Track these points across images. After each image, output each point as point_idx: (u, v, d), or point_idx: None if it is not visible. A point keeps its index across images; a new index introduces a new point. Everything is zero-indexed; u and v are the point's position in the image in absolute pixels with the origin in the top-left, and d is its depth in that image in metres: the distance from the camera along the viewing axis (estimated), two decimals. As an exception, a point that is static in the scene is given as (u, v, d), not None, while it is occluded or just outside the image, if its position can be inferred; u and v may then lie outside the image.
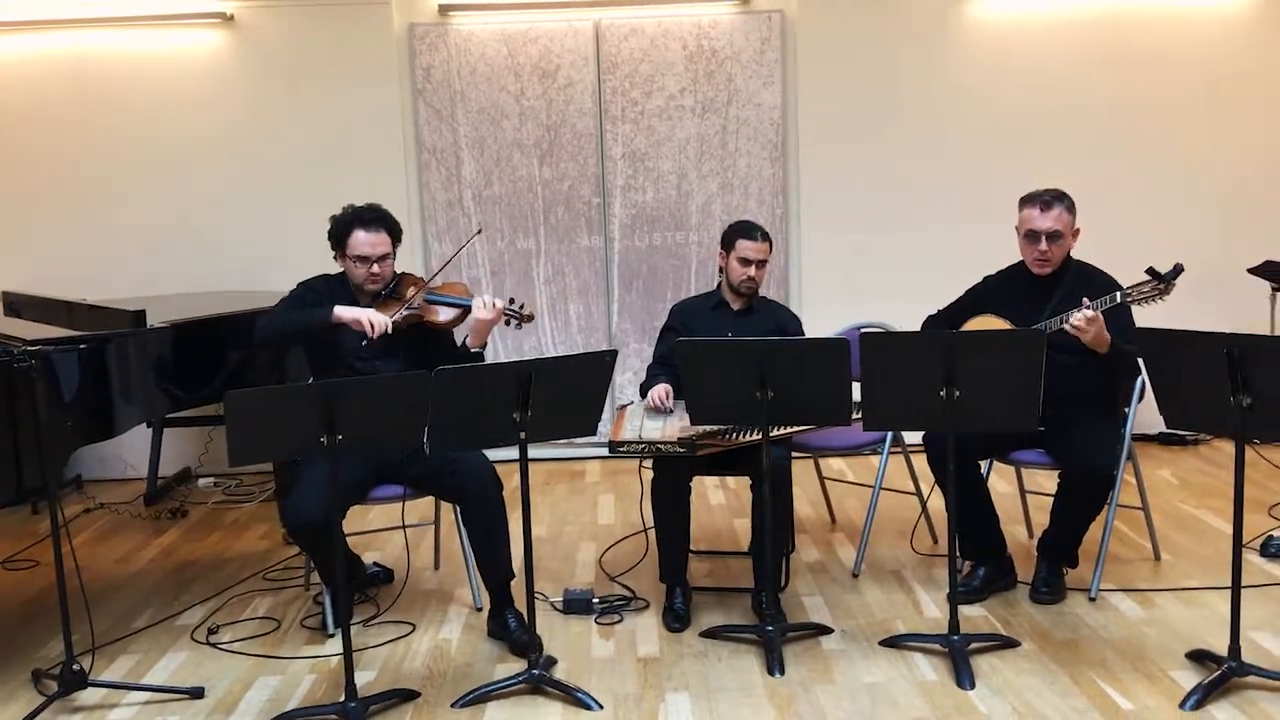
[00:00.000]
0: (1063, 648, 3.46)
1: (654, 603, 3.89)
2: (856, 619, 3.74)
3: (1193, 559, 4.16)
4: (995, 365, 3.26)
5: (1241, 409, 3.01)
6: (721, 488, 5.30)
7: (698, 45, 5.73)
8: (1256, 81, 5.76)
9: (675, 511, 3.81)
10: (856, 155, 5.81)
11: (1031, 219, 3.85)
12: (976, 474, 3.94)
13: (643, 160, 5.81)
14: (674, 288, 5.84)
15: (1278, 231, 5.73)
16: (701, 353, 3.47)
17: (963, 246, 5.17)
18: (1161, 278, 3.51)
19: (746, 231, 4.02)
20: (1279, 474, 5.14)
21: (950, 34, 5.76)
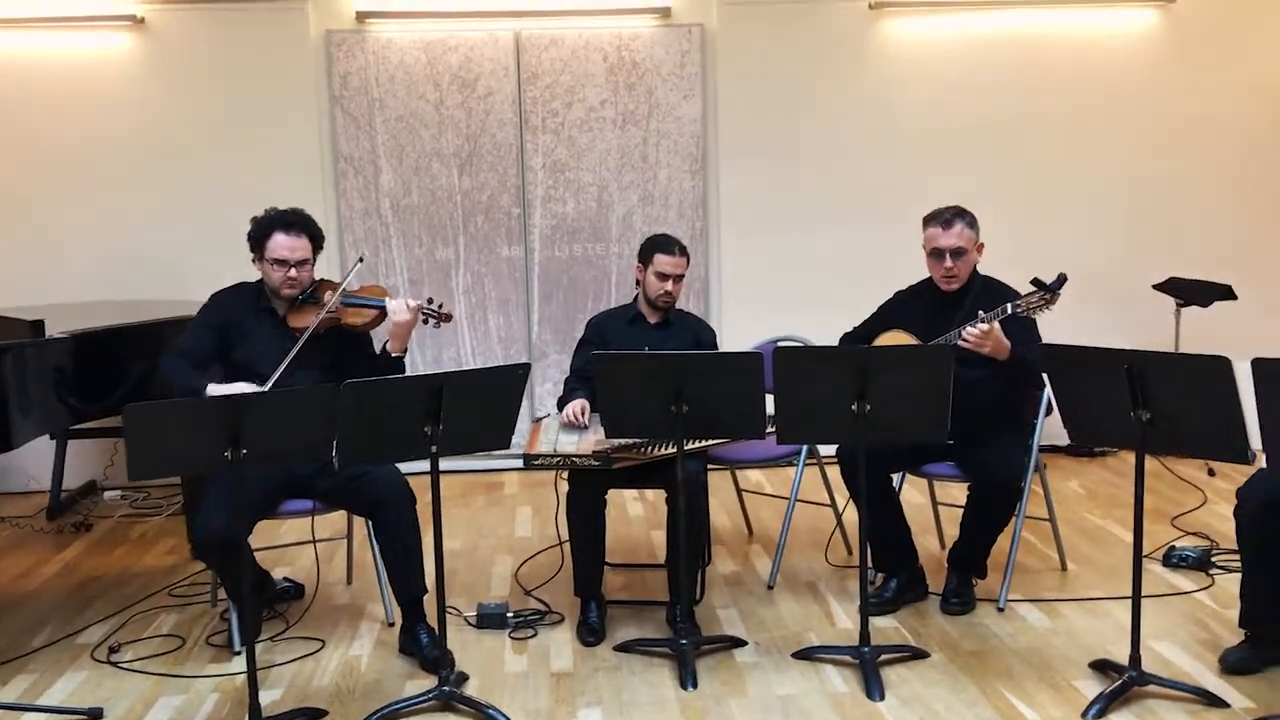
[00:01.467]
0: (971, 658, 3.51)
1: (569, 616, 3.86)
2: (770, 631, 3.76)
3: (1098, 569, 4.25)
4: (905, 380, 3.31)
5: (1141, 423, 3.08)
6: (641, 500, 5.30)
7: (619, 57, 5.74)
8: (1159, 100, 5.92)
9: (590, 525, 3.79)
10: (776, 168, 5.86)
11: (935, 237, 3.91)
12: (889, 486, 3.99)
13: (563, 171, 5.80)
14: (594, 299, 5.83)
15: (1182, 248, 5.89)
16: (617, 366, 3.47)
17: (881, 259, 5.24)
18: (1047, 288, 3.59)
19: (664, 246, 4.03)
20: (1183, 485, 5.28)
21: (865, 50, 5.84)
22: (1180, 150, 5.96)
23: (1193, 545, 4.32)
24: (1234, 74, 5.92)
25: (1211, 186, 5.99)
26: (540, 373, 5.88)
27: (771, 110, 5.84)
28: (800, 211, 5.90)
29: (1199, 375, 2.96)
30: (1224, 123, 5.95)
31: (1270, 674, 3.31)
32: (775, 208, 5.90)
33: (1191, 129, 5.95)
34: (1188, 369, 3.03)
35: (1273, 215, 6.02)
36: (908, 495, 4.77)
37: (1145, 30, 5.90)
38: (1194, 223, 5.98)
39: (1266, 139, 5.97)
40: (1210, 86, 5.92)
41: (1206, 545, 4.35)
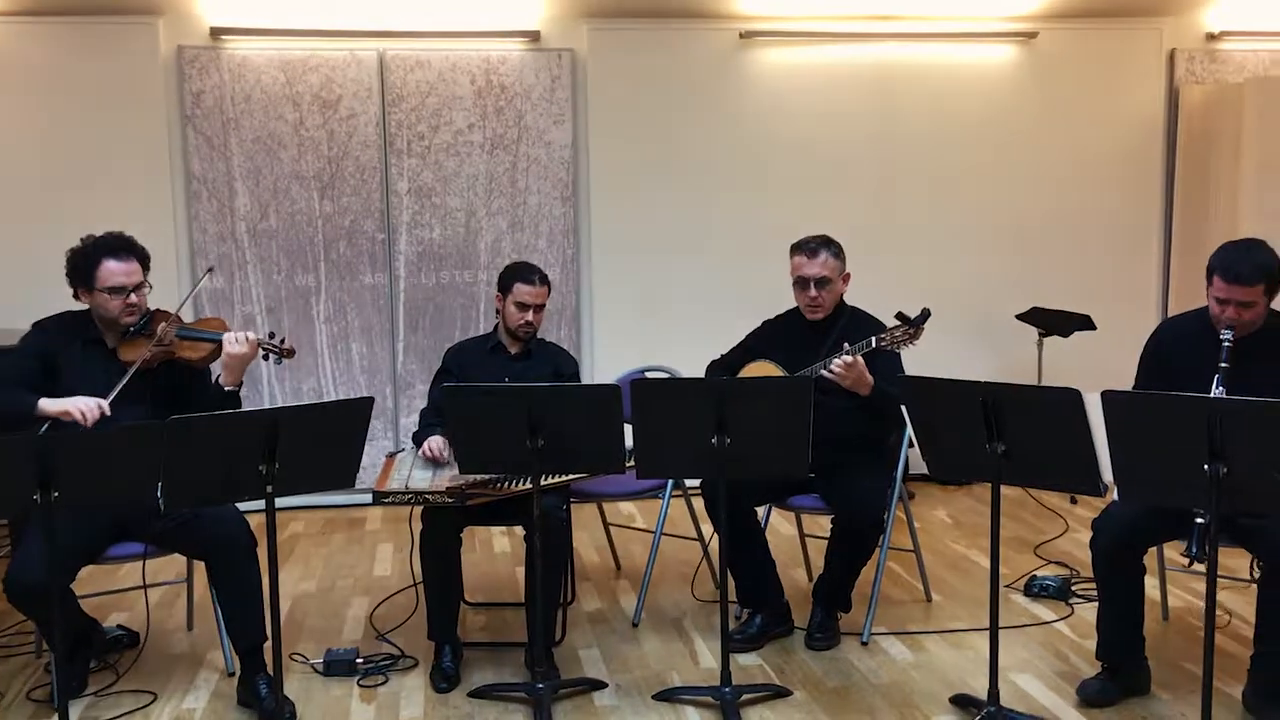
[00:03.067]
0: (833, 695, 3.45)
1: (423, 661, 3.69)
2: (632, 671, 3.65)
3: (962, 600, 4.24)
4: (765, 412, 3.24)
5: (996, 456, 3.06)
6: (508, 535, 5.14)
7: (487, 81, 5.62)
8: (1021, 133, 6.03)
9: (445, 565, 3.64)
10: (648, 196, 5.80)
11: (800, 266, 3.88)
12: (753, 520, 3.92)
13: (430, 196, 5.64)
14: (462, 328, 5.67)
15: (1045, 279, 5.99)
16: (469, 399, 3.33)
17: (751, 287, 5.19)
18: (911, 322, 3.58)
19: (524, 275, 3.92)
20: (1047, 513, 5.35)
21: (736, 78, 5.83)
22: (1042, 183, 6.08)
23: (1053, 574, 4.35)
24: (1093, 108, 6.06)
25: (1072, 218, 6.11)
26: (407, 404, 5.69)
27: (643, 137, 5.78)
28: (672, 239, 5.84)
29: (1050, 407, 2.96)
30: (1084, 156, 6.09)
31: (1127, 706, 3.32)
32: (647, 235, 5.83)
33: (1052, 162, 6.07)
34: (1040, 401, 3.02)
35: (1130, 246, 6.18)
36: (778, 527, 4.74)
37: (1006, 64, 6.01)
38: (1056, 254, 6.09)
39: (1124, 172, 6.13)
40: (1070, 120, 6.05)
41: (1067, 574, 4.38)
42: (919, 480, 5.81)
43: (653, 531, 4.23)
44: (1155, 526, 3.31)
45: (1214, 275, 3.26)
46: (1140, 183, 6.15)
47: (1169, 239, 6.15)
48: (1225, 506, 2.78)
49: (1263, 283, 3.20)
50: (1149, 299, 6.19)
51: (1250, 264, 3.20)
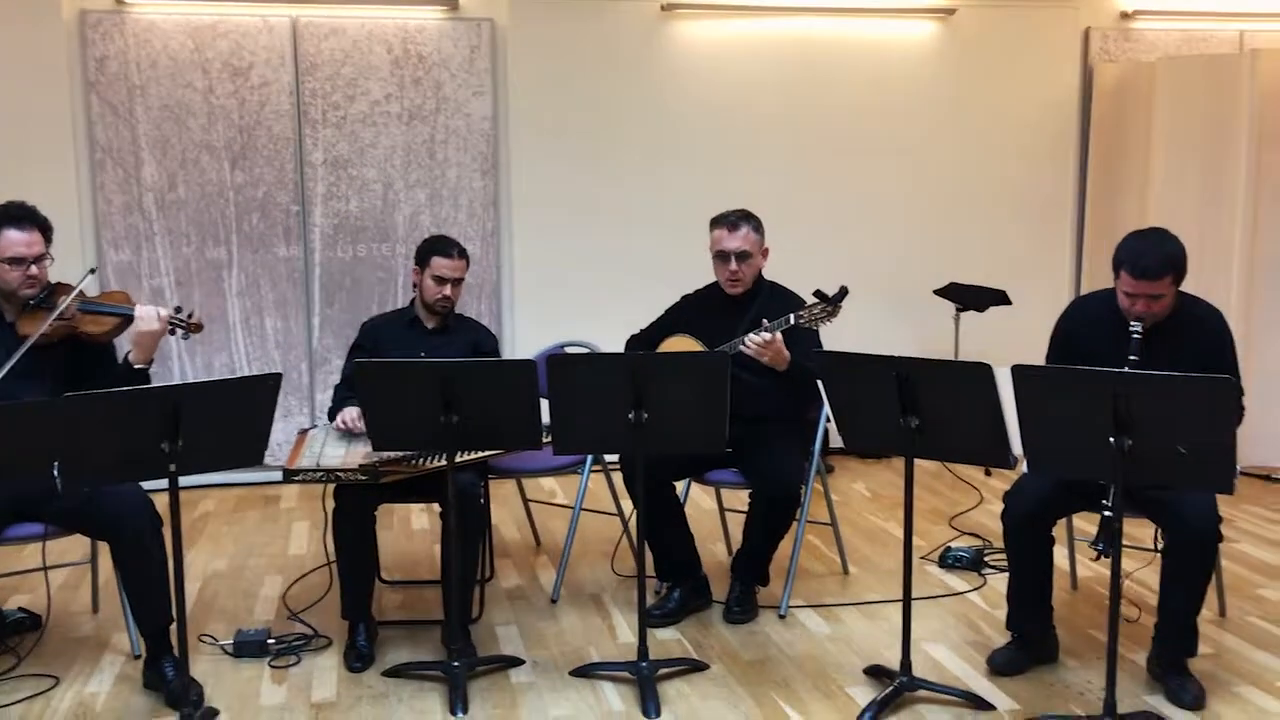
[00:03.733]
0: (750, 668, 3.46)
1: (338, 640, 3.63)
2: (550, 648, 3.63)
3: (878, 572, 4.29)
4: (682, 387, 3.23)
5: (910, 430, 3.08)
6: (426, 512, 5.08)
7: (404, 50, 5.50)
8: (941, 109, 6.08)
9: (359, 543, 3.58)
10: (570, 169, 5.75)
11: (720, 240, 3.87)
12: (671, 495, 3.92)
13: (346, 167, 5.52)
14: (380, 302, 5.58)
15: (962, 254, 6.06)
16: (382, 374, 3.27)
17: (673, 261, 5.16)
18: (829, 300, 3.59)
19: (441, 248, 3.85)
20: (962, 485, 5.43)
21: (658, 51, 5.79)
22: (959, 159, 6.14)
23: (967, 545, 4.42)
24: (1010, 85, 6.13)
25: (989, 194, 6.18)
26: (323, 379, 5.59)
27: (565, 110, 5.72)
28: (595, 213, 5.80)
29: (962, 381, 2.99)
30: (1000, 132, 6.15)
31: (1035, 674, 3.38)
32: (569, 209, 5.78)
33: (970, 138, 6.13)
34: (952, 375, 3.05)
35: (1045, 223, 6.27)
36: (697, 502, 4.74)
37: (925, 41, 6.05)
38: (973, 230, 6.16)
39: (1040, 149, 6.21)
40: (987, 97, 6.11)
41: (980, 546, 4.45)
42: (838, 454, 5.86)
43: (573, 507, 4.21)
44: (1064, 499, 3.37)
45: (1121, 270, 3.24)
46: (1055, 160, 6.24)
47: (1082, 216, 6.26)
48: (1130, 479, 2.84)
49: (1170, 274, 3.19)
50: (1062, 275, 6.29)
51: (1157, 258, 3.19)
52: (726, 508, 4.52)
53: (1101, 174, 6.15)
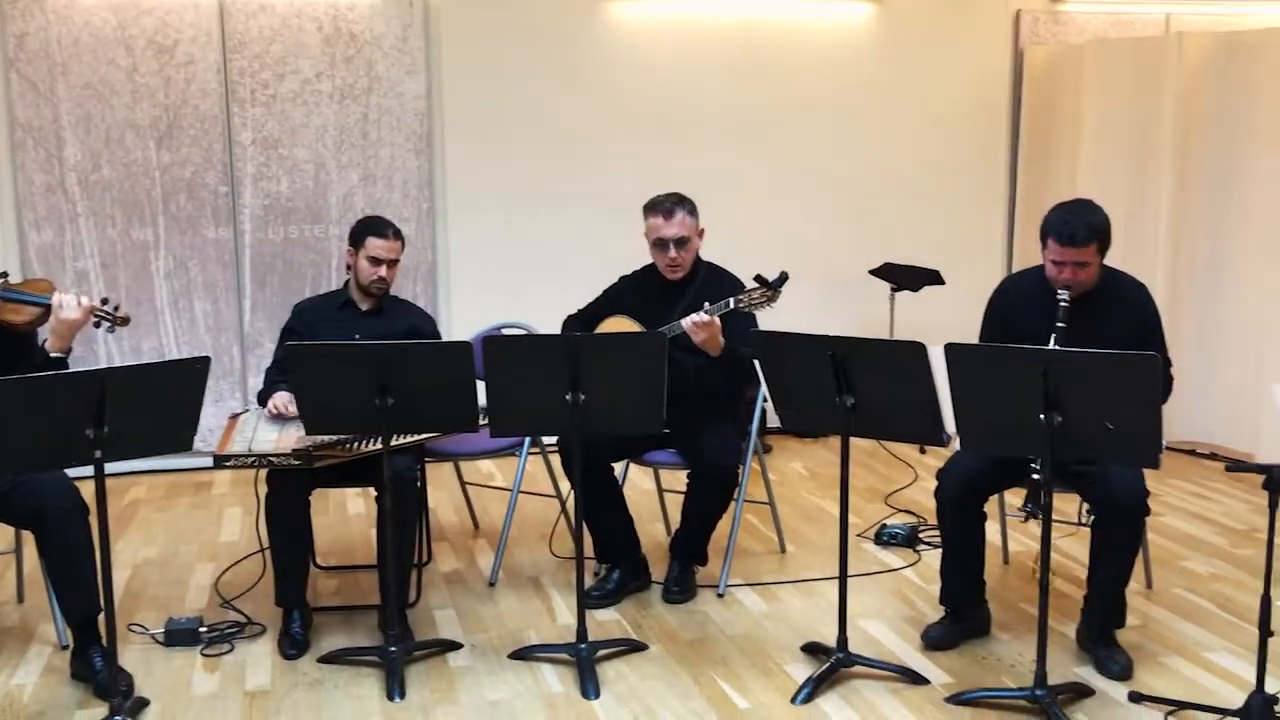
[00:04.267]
0: (689, 648, 3.48)
1: (272, 628, 3.59)
2: (488, 631, 3.61)
3: (815, 550, 4.33)
4: (619, 368, 3.22)
5: (846, 409, 3.11)
6: (362, 496, 5.03)
7: (334, 28, 5.41)
8: (875, 91, 6.11)
9: (292, 529, 3.53)
10: (506, 150, 5.69)
11: (658, 228, 3.86)
12: (610, 477, 3.91)
13: (276, 147, 5.42)
14: (313, 284, 5.49)
15: (897, 235, 6.11)
16: (315, 357, 3.22)
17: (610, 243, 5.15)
18: (769, 285, 3.60)
19: (376, 228, 3.80)
20: (898, 463, 5.49)
21: (592, 31, 5.75)
22: (894, 140, 6.18)
23: (902, 523, 4.47)
24: (943, 67, 6.18)
25: (924, 175, 6.23)
26: (255, 363, 5.49)
27: (501, 90, 5.66)
28: (531, 194, 5.76)
29: (896, 360, 3.02)
30: (935, 114, 6.20)
31: (968, 648, 3.44)
32: (506, 190, 5.73)
33: (905, 120, 6.17)
34: (886, 354, 3.08)
35: (978, 203, 6.34)
36: (636, 483, 4.74)
37: (860, 23, 6.07)
38: (908, 210, 6.21)
39: (973, 130, 6.27)
40: (921, 78, 6.16)
41: (915, 522, 4.51)
42: (776, 434, 5.90)
43: (510, 490, 4.19)
44: (995, 475, 3.42)
45: (1048, 239, 3.32)
46: (987, 140, 6.31)
47: (1014, 196, 6.34)
48: (1060, 454, 2.89)
49: (1095, 242, 3.28)
50: (995, 254, 6.38)
51: (1082, 226, 3.27)
52: (665, 488, 4.53)
53: (1032, 154, 6.23)
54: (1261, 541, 2.80)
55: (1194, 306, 5.56)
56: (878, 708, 3.08)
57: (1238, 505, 4.84)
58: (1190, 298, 5.57)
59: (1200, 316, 5.54)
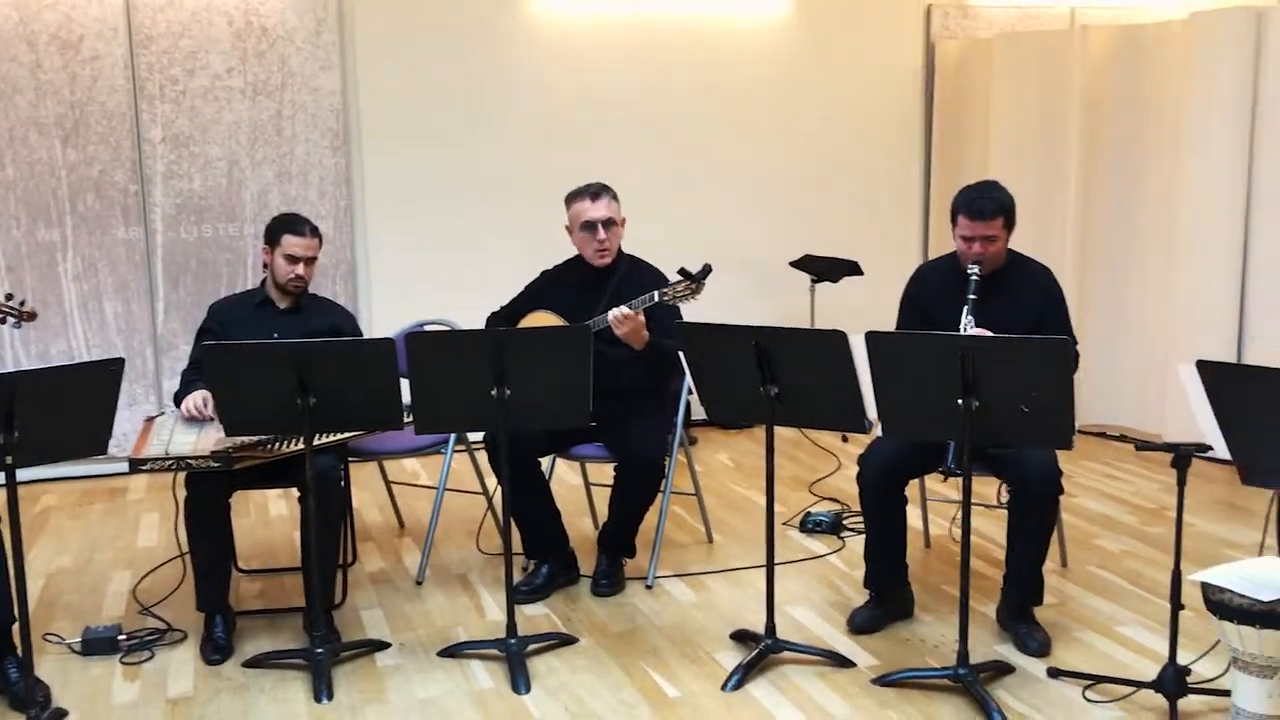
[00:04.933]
0: (619, 640, 3.49)
1: (193, 633, 3.52)
2: (416, 629, 3.59)
3: (742, 539, 4.36)
4: (544, 362, 3.22)
5: (770, 398, 3.14)
6: (284, 497, 4.95)
7: (245, 22, 5.31)
8: (793, 86, 6.17)
9: (213, 532, 3.47)
10: (425, 145, 5.64)
11: (585, 211, 3.87)
12: (536, 471, 3.90)
13: (187, 145, 5.31)
14: (229, 283, 5.39)
15: (816, 227, 6.18)
16: (233, 357, 3.17)
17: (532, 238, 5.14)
18: (693, 278, 3.63)
19: (292, 226, 3.73)
20: (822, 453, 5.56)
21: (510, 26, 5.72)
22: (812, 133, 6.25)
23: (827, 510, 4.53)
24: (859, 61, 6.26)
25: (841, 168, 6.31)
26: (170, 365, 5.37)
27: (418, 85, 5.61)
28: (452, 190, 5.71)
29: (818, 349, 3.06)
30: (851, 107, 6.28)
31: (892, 630, 3.50)
32: (426, 186, 5.68)
33: (823, 113, 6.23)
34: (808, 343, 3.12)
35: (894, 194, 6.45)
36: (564, 477, 4.74)
37: (776, 18, 6.13)
38: (826, 203, 6.29)
39: (888, 123, 6.37)
40: (838, 73, 6.23)
41: (839, 509, 4.57)
42: (701, 426, 5.93)
43: (436, 487, 4.16)
44: (916, 459, 3.49)
45: (958, 215, 3.49)
46: (902, 133, 6.42)
47: (928, 186, 6.46)
48: (977, 438, 2.96)
49: (1001, 216, 3.44)
50: (912, 244, 6.49)
51: (989, 201, 3.44)
52: (592, 482, 4.53)
53: (945, 146, 6.35)
54: (1171, 519, 2.90)
55: (1102, 292, 5.72)
56: (806, 691, 3.13)
57: (1148, 485, 4.99)
58: (1098, 283, 5.72)
59: (1108, 302, 5.70)
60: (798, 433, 5.77)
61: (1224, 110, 5.06)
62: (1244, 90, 5.02)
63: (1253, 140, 5.05)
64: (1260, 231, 5.08)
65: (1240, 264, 5.12)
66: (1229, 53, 5.03)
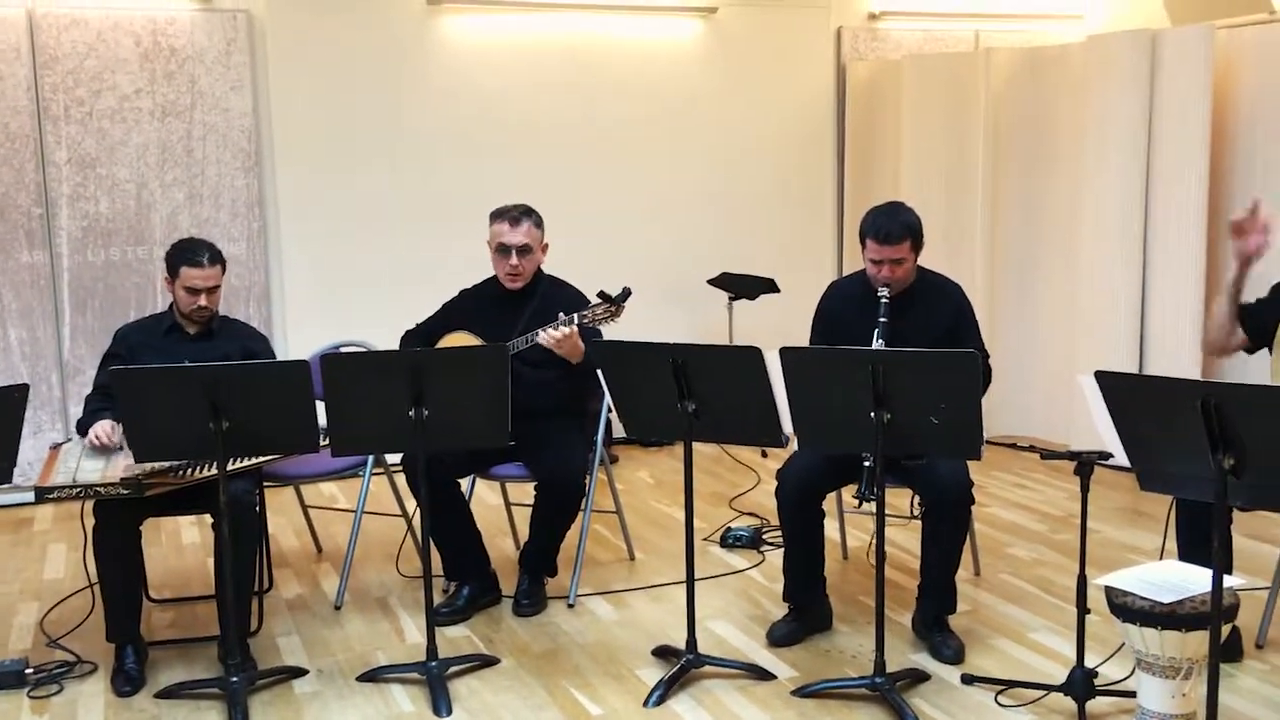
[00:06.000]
0: (541, 659, 3.48)
1: (104, 665, 3.43)
2: (335, 655, 3.54)
3: (664, 556, 4.38)
4: (462, 382, 3.21)
5: (688, 414, 3.17)
6: (197, 524, 4.85)
7: (154, 42, 5.23)
8: (707, 106, 6.25)
9: (122, 561, 3.39)
10: (340, 166, 5.60)
11: (501, 234, 3.87)
12: (456, 492, 3.88)
13: (94, 166, 5.20)
14: (138, 307, 5.28)
15: (734, 245, 6.25)
16: (142, 381, 3.11)
17: (448, 258, 5.14)
18: (612, 300, 3.66)
19: (189, 257, 3.60)
20: (742, 469, 5.61)
21: (427, 47, 5.71)
22: (729, 153, 6.32)
23: (746, 525, 4.58)
24: (772, 81, 6.36)
25: (757, 187, 6.39)
26: (76, 391, 5.23)
27: (332, 105, 5.57)
28: (367, 210, 5.67)
29: (734, 365, 3.10)
30: (766, 127, 6.37)
31: (811, 642, 3.55)
32: (340, 207, 5.63)
33: (738, 132, 6.32)
34: (724, 360, 3.16)
35: (808, 213, 6.54)
36: (484, 497, 4.73)
37: (691, 39, 6.20)
38: (743, 221, 6.36)
39: (802, 143, 6.48)
40: (751, 93, 6.32)
41: (759, 524, 4.62)
42: (623, 444, 5.96)
43: (354, 511, 4.11)
44: (832, 473, 3.55)
45: (866, 239, 3.54)
46: (816, 153, 6.53)
47: (842, 205, 6.57)
48: (890, 450, 3.02)
49: (908, 239, 3.51)
50: (826, 261, 6.59)
51: (896, 224, 3.50)
52: (512, 502, 4.52)
53: (857, 165, 6.48)
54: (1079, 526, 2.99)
55: (1011, 306, 5.87)
56: (727, 705, 3.15)
57: (1057, 493, 5.12)
58: (1006, 299, 5.88)
59: (1017, 315, 5.86)
60: (718, 449, 5.82)
61: (1121, 129, 5.24)
62: (1140, 110, 5.21)
63: (1149, 158, 5.24)
64: (1157, 245, 5.26)
65: (1140, 277, 5.30)
66: (1125, 74, 5.21)
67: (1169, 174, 5.19)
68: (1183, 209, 5.15)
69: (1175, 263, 5.19)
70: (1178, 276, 5.19)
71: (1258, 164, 5.14)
